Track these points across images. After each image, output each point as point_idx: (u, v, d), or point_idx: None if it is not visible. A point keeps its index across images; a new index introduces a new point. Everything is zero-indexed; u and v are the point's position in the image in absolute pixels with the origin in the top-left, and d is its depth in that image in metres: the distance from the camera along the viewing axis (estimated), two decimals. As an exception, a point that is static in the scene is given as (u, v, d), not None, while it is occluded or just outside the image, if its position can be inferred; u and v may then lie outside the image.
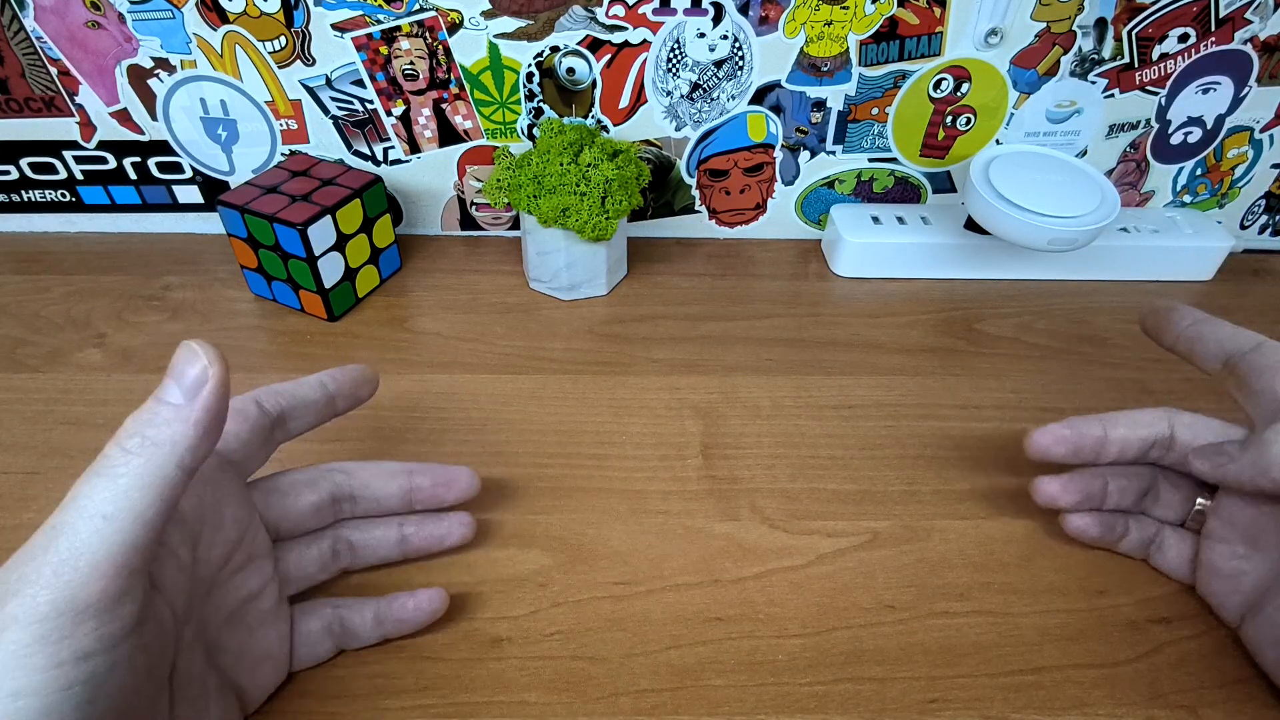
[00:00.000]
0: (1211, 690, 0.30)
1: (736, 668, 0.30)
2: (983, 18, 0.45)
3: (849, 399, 0.42)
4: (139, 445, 0.23)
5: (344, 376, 0.32)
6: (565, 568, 0.33)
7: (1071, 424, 0.32)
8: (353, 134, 0.50)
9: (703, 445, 0.39)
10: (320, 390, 0.31)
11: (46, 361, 0.43)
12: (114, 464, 0.22)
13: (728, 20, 0.45)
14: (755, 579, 0.33)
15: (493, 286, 0.50)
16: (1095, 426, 0.32)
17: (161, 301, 0.48)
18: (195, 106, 0.49)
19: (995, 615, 0.32)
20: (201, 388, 0.24)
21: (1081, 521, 0.33)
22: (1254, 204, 0.55)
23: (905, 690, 0.29)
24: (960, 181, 0.53)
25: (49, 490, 0.36)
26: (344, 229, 0.45)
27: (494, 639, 0.31)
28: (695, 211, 0.55)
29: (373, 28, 0.45)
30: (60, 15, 0.45)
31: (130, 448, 0.23)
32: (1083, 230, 0.44)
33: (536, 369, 0.44)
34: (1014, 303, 0.50)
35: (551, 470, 0.38)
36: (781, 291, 0.51)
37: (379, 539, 0.31)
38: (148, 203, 0.53)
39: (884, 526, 0.35)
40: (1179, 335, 0.33)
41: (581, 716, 0.28)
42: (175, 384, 0.24)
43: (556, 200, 0.43)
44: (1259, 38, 0.46)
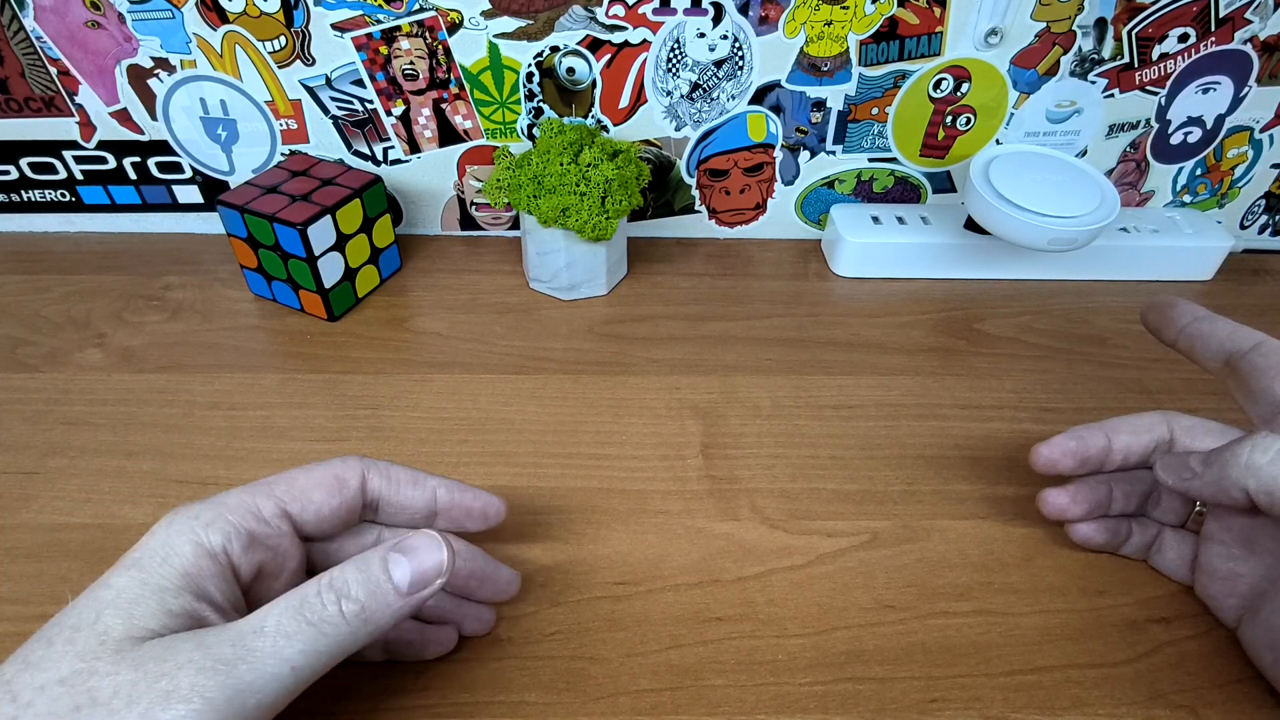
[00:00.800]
0: (1211, 690, 0.30)
1: (736, 667, 0.30)
2: (983, 18, 0.45)
3: (849, 399, 0.42)
4: (356, 615, 0.22)
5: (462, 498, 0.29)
6: (565, 568, 0.33)
7: (1076, 435, 0.32)
8: (353, 134, 0.50)
9: (703, 445, 0.39)
10: (429, 501, 0.28)
11: (46, 361, 0.43)
12: (327, 618, 0.22)
13: (728, 20, 0.45)
14: (755, 579, 0.33)
15: (493, 286, 0.50)
16: (1099, 436, 0.32)
17: (161, 301, 0.48)
18: (195, 106, 0.49)
19: (995, 615, 0.32)
20: (426, 588, 0.24)
21: (1088, 530, 0.33)
22: (1254, 204, 0.55)
23: (905, 690, 0.29)
24: (960, 181, 0.53)
25: (49, 490, 0.36)
26: (344, 229, 0.45)
27: (494, 639, 0.31)
28: (695, 211, 0.55)
29: (373, 28, 0.45)
30: (60, 15, 0.45)
31: (348, 613, 0.22)
32: (1083, 230, 0.44)
33: (536, 369, 0.44)
34: (1014, 303, 0.50)
35: (551, 470, 0.38)
36: (781, 291, 0.51)
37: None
38: (148, 203, 0.53)
39: (884, 526, 0.35)
40: (1180, 333, 0.32)
41: (581, 716, 0.28)
42: (408, 567, 0.23)
43: (556, 200, 0.43)
44: (1259, 38, 0.46)
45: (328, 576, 0.23)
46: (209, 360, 0.44)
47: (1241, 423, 0.31)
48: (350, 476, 0.27)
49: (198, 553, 0.23)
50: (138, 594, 0.22)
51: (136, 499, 0.36)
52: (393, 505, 0.28)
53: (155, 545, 0.23)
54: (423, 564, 0.23)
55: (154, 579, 0.22)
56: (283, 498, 0.26)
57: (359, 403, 0.41)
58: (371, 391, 0.42)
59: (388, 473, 0.28)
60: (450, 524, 0.29)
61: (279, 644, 0.21)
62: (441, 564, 0.24)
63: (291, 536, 0.26)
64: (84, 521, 0.34)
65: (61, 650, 0.21)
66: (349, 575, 0.23)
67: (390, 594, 0.23)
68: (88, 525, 0.34)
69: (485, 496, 0.30)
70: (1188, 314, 0.32)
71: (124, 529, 0.34)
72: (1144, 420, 0.32)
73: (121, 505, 0.35)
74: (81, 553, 0.33)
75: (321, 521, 0.26)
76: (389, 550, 0.24)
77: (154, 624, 0.21)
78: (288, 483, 0.26)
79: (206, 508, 0.24)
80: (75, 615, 0.22)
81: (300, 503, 0.26)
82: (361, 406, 0.41)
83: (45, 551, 0.33)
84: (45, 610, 0.31)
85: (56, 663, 0.21)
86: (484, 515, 0.30)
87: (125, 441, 0.38)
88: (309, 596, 0.22)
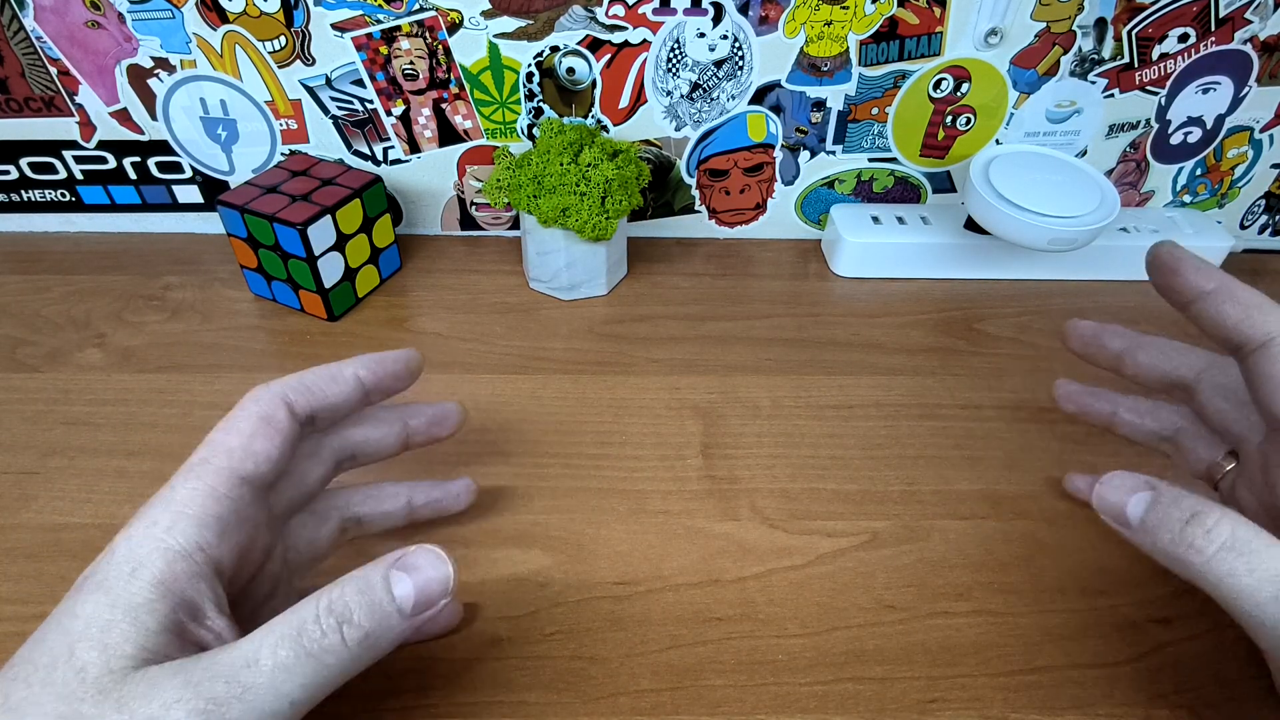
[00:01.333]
0: (1211, 690, 0.29)
1: (736, 667, 0.30)
2: (983, 18, 0.45)
3: (849, 399, 0.42)
4: (359, 642, 0.21)
5: (381, 369, 0.29)
6: (565, 568, 0.33)
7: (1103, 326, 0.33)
8: (353, 134, 0.50)
9: (703, 445, 0.39)
10: (356, 388, 0.28)
11: (46, 361, 0.43)
12: (329, 647, 0.21)
13: (728, 20, 0.45)
14: (755, 579, 0.33)
15: (493, 286, 0.50)
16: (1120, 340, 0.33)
17: (161, 301, 0.48)
18: (195, 106, 0.49)
19: (995, 615, 0.32)
20: (428, 609, 0.22)
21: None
22: (1254, 204, 0.55)
23: (905, 690, 0.29)
24: (960, 181, 0.53)
25: (49, 490, 0.36)
26: (344, 229, 0.45)
27: (494, 639, 0.31)
28: (695, 211, 0.55)
29: (373, 27, 0.45)
30: (60, 15, 0.45)
31: (350, 640, 0.21)
32: (1083, 230, 0.44)
33: (536, 369, 0.44)
34: (1014, 303, 0.50)
35: (551, 470, 0.38)
36: (781, 291, 0.51)
37: (387, 514, 0.31)
38: (148, 202, 0.53)
39: (884, 526, 0.35)
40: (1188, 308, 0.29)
41: (581, 716, 0.28)
42: (411, 588, 0.22)
43: (556, 200, 0.43)
44: (1259, 38, 0.46)
45: (326, 598, 0.21)
46: (209, 360, 0.44)
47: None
48: (274, 411, 0.26)
49: (169, 559, 0.22)
50: (109, 619, 0.20)
51: (136, 499, 0.35)
52: (325, 410, 0.27)
53: (118, 562, 0.21)
54: (428, 582, 0.22)
55: (124, 599, 0.21)
56: (228, 465, 0.24)
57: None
58: (371, 391, 0.42)
59: (303, 385, 0.27)
60: (382, 396, 0.29)
61: (277, 679, 0.20)
62: (447, 581, 0.22)
63: (253, 498, 0.25)
64: (84, 521, 0.34)
65: (40, 692, 0.19)
66: (350, 598, 0.21)
67: (394, 616, 0.22)
68: (88, 525, 0.34)
69: (399, 354, 0.29)
70: (1194, 286, 0.29)
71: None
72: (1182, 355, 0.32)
73: (121, 505, 0.35)
74: (81, 553, 0.33)
75: (275, 466, 0.25)
76: (391, 568, 0.22)
77: (131, 649, 0.20)
78: (223, 450, 0.24)
79: (160, 510, 0.23)
80: (46, 651, 0.20)
81: (250, 461, 0.24)
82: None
83: (45, 551, 0.33)
84: (45, 610, 0.31)
85: (39, 706, 0.19)
86: (407, 369, 0.30)
87: (125, 441, 0.38)
88: (307, 623, 0.21)
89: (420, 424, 0.32)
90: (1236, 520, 0.23)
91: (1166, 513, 0.24)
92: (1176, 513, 0.24)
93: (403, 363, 0.29)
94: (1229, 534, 0.23)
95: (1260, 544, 0.22)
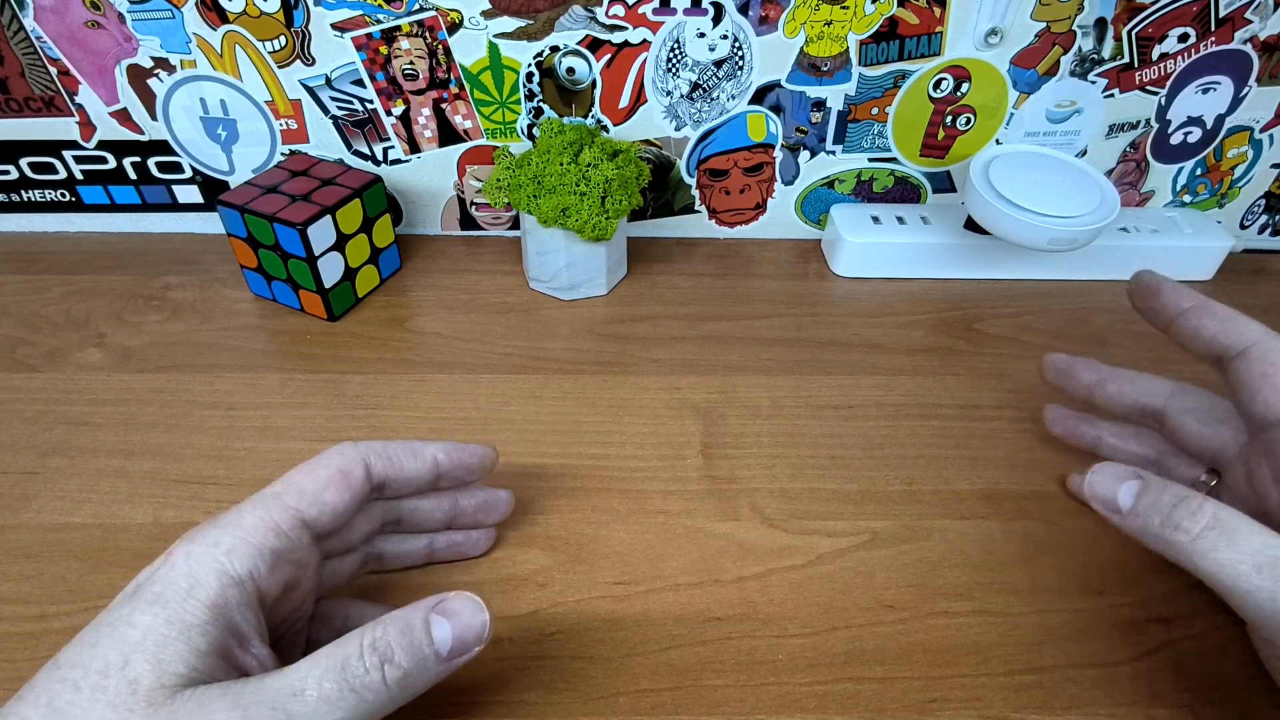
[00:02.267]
0: (1211, 690, 0.30)
1: (736, 667, 0.30)
2: (983, 17, 0.45)
3: (849, 399, 0.42)
4: (398, 681, 0.22)
5: (459, 457, 0.30)
6: (565, 568, 0.33)
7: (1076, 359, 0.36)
8: (352, 134, 0.50)
9: (703, 445, 0.39)
10: (431, 469, 0.29)
11: (46, 361, 0.43)
12: (370, 685, 0.22)
13: (728, 20, 0.45)
14: (755, 579, 0.33)
15: (493, 286, 0.50)
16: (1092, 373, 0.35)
17: (161, 301, 0.48)
18: (195, 106, 0.49)
19: (995, 615, 0.32)
20: (463, 655, 0.23)
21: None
22: (1254, 204, 0.55)
23: (905, 690, 0.29)
24: (960, 181, 0.53)
25: (49, 490, 0.36)
26: (344, 229, 0.45)
27: (494, 639, 0.30)
28: (695, 211, 0.55)
29: (372, 27, 0.45)
30: (60, 15, 0.45)
31: (390, 680, 0.22)
32: (1083, 230, 0.44)
33: (536, 369, 0.44)
34: (1014, 303, 0.50)
35: (551, 470, 0.38)
36: (781, 291, 0.51)
37: (409, 552, 0.32)
38: (148, 202, 0.53)
39: (884, 526, 0.35)
40: (1169, 326, 0.31)
41: (581, 716, 0.28)
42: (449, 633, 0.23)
43: (556, 200, 0.43)
44: (1259, 37, 0.46)
45: (369, 636, 0.22)
46: (209, 360, 0.44)
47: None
48: (354, 468, 0.27)
49: (223, 582, 0.22)
50: (164, 635, 0.21)
51: (136, 499, 0.36)
52: (398, 482, 0.28)
53: (177, 578, 0.22)
54: (466, 628, 0.23)
55: (180, 616, 0.21)
56: (297, 506, 0.25)
57: (359, 403, 0.41)
58: (371, 391, 0.42)
59: (386, 453, 0.28)
60: (452, 483, 0.31)
61: (320, 710, 0.21)
62: (483, 628, 0.23)
63: (309, 542, 0.26)
64: (84, 521, 0.34)
65: (90, 698, 0.20)
66: (392, 639, 0.22)
67: (431, 659, 0.23)
68: (88, 525, 0.34)
69: (478, 449, 0.31)
70: (1173, 306, 0.31)
71: (124, 529, 0.34)
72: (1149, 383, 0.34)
73: (121, 505, 0.35)
74: (82, 553, 0.33)
75: (337, 519, 0.26)
76: (432, 611, 0.23)
77: (183, 668, 0.21)
78: (296, 490, 0.25)
79: (224, 533, 0.23)
80: (100, 658, 0.21)
81: (316, 508, 0.25)
82: (361, 406, 0.41)
83: (45, 551, 0.33)
84: (45, 610, 0.31)
85: (87, 712, 0.20)
86: (481, 466, 0.31)
87: (125, 441, 0.38)
88: (351, 659, 0.22)
89: (470, 505, 0.32)
90: (1219, 504, 0.24)
91: (1155, 498, 0.25)
92: (1165, 497, 0.25)
93: (478, 458, 0.31)
94: (1211, 515, 0.24)
95: (1240, 523, 0.24)
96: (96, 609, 0.31)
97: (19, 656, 0.29)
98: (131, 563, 0.33)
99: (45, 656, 0.29)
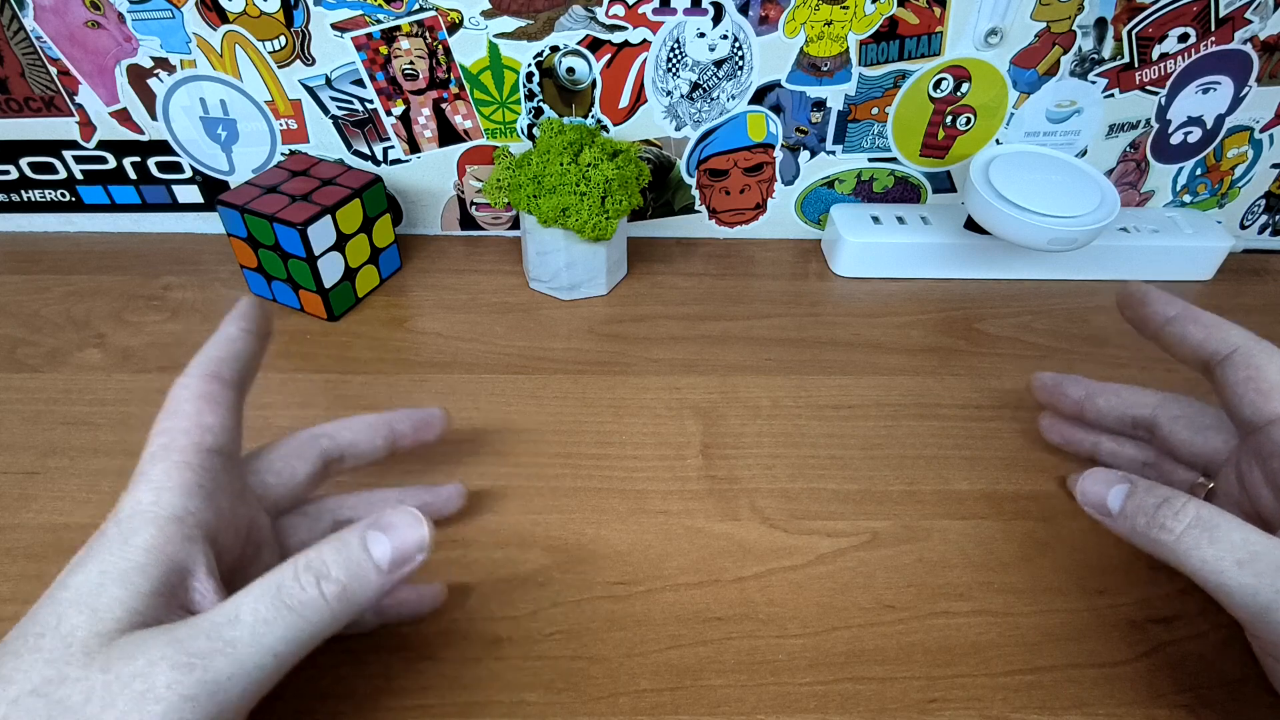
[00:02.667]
0: (1211, 690, 0.30)
1: (736, 667, 0.30)
2: (983, 17, 0.45)
3: (849, 399, 0.42)
4: (337, 596, 0.22)
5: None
6: (565, 568, 0.33)
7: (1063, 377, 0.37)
8: (352, 134, 0.50)
9: (703, 445, 0.39)
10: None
11: (46, 361, 0.43)
12: (307, 601, 0.21)
13: (728, 20, 0.45)
14: (755, 579, 0.33)
15: (493, 286, 0.50)
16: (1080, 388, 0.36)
17: (161, 301, 0.48)
18: (195, 106, 0.49)
19: (995, 615, 0.32)
20: (405, 566, 0.23)
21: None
22: (1254, 204, 0.55)
23: (905, 690, 0.29)
24: (960, 181, 0.53)
25: (49, 490, 0.36)
26: (344, 229, 0.45)
27: (494, 639, 0.31)
28: (695, 211, 0.55)
29: (372, 27, 0.45)
30: (60, 15, 0.45)
31: (328, 594, 0.22)
32: (1083, 230, 0.44)
33: (536, 369, 0.44)
34: (1014, 303, 0.50)
35: (551, 470, 0.38)
36: (781, 291, 0.51)
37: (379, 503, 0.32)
38: (147, 202, 0.53)
39: (884, 526, 0.35)
40: (1157, 334, 0.32)
41: (581, 716, 0.28)
42: (388, 544, 0.23)
43: (556, 200, 0.43)
44: (1259, 37, 0.46)
45: (303, 559, 0.22)
46: (209, 360, 0.43)
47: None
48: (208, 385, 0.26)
49: (159, 524, 0.22)
50: (99, 584, 0.21)
51: (136, 499, 0.36)
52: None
53: (109, 535, 0.22)
54: (404, 540, 0.23)
55: (115, 564, 0.21)
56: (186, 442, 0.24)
57: (359, 402, 0.41)
58: (371, 391, 0.42)
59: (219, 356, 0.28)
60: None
61: (258, 632, 0.21)
62: (423, 539, 0.23)
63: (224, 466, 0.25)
64: (84, 521, 0.34)
65: (29, 661, 0.20)
66: (327, 556, 0.22)
67: (371, 571, 0.23)
68: (88, 525, 0.34)
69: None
70: (1160, 314, 0.32)
71: (124, 529, 0.34)
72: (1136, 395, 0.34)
73: (121, 505, 0.35)
74: (81, 553, 0.33)
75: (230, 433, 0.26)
76: (367, 528, 0.23)
77: (120, 612, 0.21)
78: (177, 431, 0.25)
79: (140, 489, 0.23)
80: (37, 622, 0.21)
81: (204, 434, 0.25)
82: (361, 406, 0.41)
83: (45, 551, 0.33)
84: (45, 610, 0.31)
85: (27, 673, 0.20)
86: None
87: (125, 441, 0.38)
88: (285, 580, 0.22)
89: (406, 429, 0.33)
90: (1202, 504, 0.25)
91: (1142, 500, 0.26)
92: (1151, 499, 0.26)
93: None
94: (1194, 514, 0.25)
95: (1222, 520, 0.25)
96: (96, 609, 0.31)
97: (19, 656, 0.29)
98: (131, 563, 0.33)
99: (45, 656, 0.29)
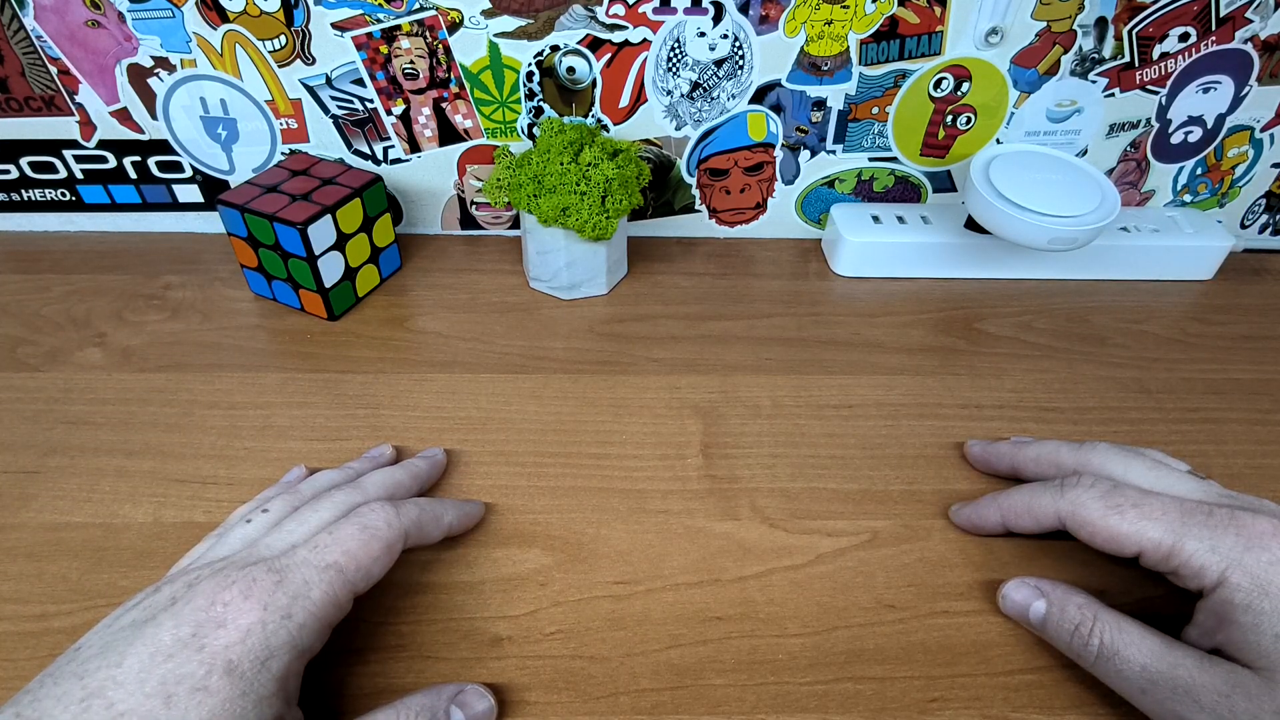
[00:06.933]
0: (1211, 690, 0.29)
1: (736, 667, 0.30)
2: (983, 17, 0.45)
3: (849, 399, 0.42)
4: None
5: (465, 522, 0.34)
6: (565, 567, 0.33)
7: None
8: (353, 133, 0.50)
9: (703, 445, 0.39)
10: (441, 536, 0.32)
11: (46, 361, 0.43)
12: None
13: (728, 19, 0.45)
14: (755, 578, 0.33)
15: (493, 286, 0.50)
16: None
17: (161, 301, 0.48)
18: (195, 105, 0.49)
19: (995, 615, 0.32)
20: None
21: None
22: (1254, 203, 0.55)
23: (905, 690, 0.29)
24: (960, 181, 0.53)
25: (49, 490, 0.36)
26: (344, 228, 0.45)
27: (494, 639, 0.31)
28: (695, 211, 0.55)
29: (373, 27, 0.45)
30: (60, 14, 0.45)
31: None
32: (1083, 230, 0.44)
33: (536, 368, 0.44)
34: (1014, 302, 0.50)
35: (551, 470, 0.38)
36: (781, 291, 0.51)
37: None
38: (148, 202, 0.53)
39: (884, 526, 0.35)
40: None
41: (581, 716, 0.28)
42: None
43: (556, 199, 0.43)
44: (1259, 37, 0.46)
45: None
46: (209, 360, 0.44)
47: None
48: (397, 543, 0.28)
49: (293, 655, 0.24)
50: (241, 708, 0.22)
51: (136, 498, 0.36)
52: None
53: (253, 646, 0.23)
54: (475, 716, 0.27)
55: (254, 688, 0.23)
56: (354, 581, 0.27)
57: (359, 402, 0.41)
58: (371, 391, 0.42)
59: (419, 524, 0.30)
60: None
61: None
62: (490, 715, 0.27)
63: None
64: (84, 521, 0.34)
65: None
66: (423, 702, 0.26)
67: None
68: (88, 525, 0.34)
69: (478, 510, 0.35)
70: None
71: (124, 528, 0.34)
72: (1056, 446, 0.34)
73: (121, 505, 0.35)
74: (82, 552, 0.33)
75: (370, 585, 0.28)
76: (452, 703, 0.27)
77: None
78: (355, 564, 0.27)
79: (297, 605, 0.25)
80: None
81: (365, 581, 0.27)
82: (361, 406, 0.41)
83: (45, 551, 0.33)
84: (45, 609, 0.31)
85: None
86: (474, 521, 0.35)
87: (125, 441, 0.38)
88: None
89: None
90: (1106, 625, 0.28)
91: (1058, 625, 0.29)
92: (1065, 624, 0.29)
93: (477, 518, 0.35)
94: (1098, 644, 0.28)
95: (1123, 644, 0.27)
96: (97, 608, 0.31)
97: (19, 656, 0.29)
98: (132, 562, 0.33)
99: (46, 656, 0.29)
